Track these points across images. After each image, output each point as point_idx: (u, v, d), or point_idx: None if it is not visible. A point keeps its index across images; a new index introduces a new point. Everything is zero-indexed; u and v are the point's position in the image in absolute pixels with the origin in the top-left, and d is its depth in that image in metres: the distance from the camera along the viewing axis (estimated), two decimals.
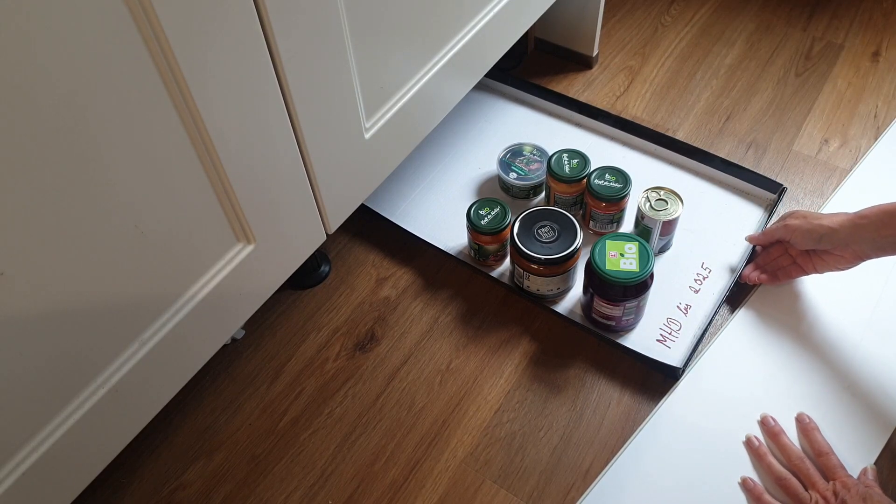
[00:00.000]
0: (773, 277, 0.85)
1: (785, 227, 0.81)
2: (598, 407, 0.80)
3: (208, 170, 0.53)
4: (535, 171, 0.97)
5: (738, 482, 0.73)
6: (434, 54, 0.75)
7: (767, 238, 0.86)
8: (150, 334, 0.56)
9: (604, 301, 0.80)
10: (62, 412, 0.52)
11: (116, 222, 0.49)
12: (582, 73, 1.19)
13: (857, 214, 0.74)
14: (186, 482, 0.77)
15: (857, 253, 0.75)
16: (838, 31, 1.23)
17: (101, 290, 0.50)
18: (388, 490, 0.76)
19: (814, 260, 0.81)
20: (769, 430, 0.76)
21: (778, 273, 0.85)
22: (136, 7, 0.42)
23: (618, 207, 0.90)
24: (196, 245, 0.57)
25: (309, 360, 0.86)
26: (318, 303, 0.92)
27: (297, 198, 0.64)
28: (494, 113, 1.12)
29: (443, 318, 0.89)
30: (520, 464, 0.77)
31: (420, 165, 1.04)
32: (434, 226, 0.97)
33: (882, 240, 0.72)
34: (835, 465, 0.70)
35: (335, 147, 0.65)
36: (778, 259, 0.86)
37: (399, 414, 0.81)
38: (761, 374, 0.81)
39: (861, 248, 0.74)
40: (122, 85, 0.44)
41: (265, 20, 0.51)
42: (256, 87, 0.53)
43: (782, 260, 0.85)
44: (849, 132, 1.07)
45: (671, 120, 1.10)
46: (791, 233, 0.80)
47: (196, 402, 0.83)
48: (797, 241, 0.80)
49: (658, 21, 1.28)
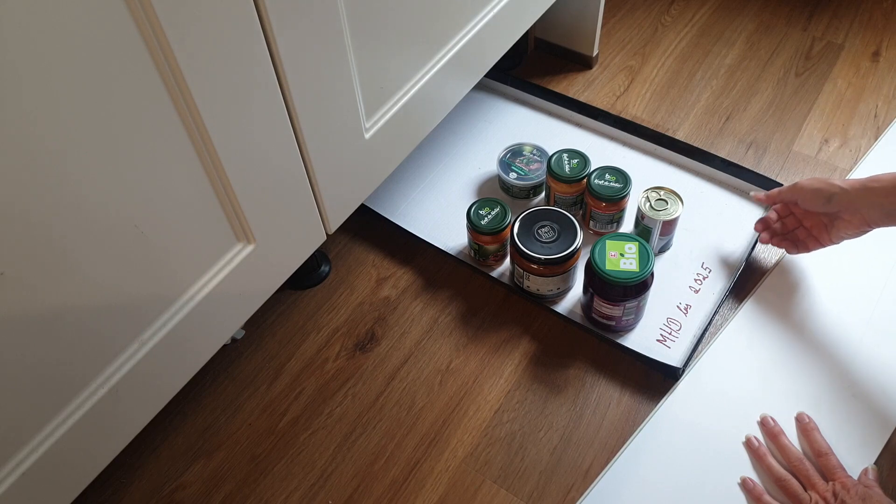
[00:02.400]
0: (793, 245, 0.83)
1: (793, 186, 0.79)
2: (598, 407, 0.80)
3: (208, 170, 0.53)
4: (535, 171, 0.97)
5: (738, 482, 0.73)
6: (434, 54, 0.75)
7: (775, 198, 0.83)
8: (150, 334, 0.56)
9: (604, 301, 0.80)
10: (62, 412, 0.52)
11: (116, 222, 0.49)
12: (582, 73, 1.19)
13: (870, 178, 0.72)
14: (186, 482, 0.77)
15: (865, 219, 0.73)
16: (838, 31, 1.23)
17: (100, 291, 0.50)
18: (388, 490, 0.76)
19: (827, 228, 0.79)
20: (769, 431, 0.76)
21: (797, 244, 0.83)
22: (135, 6, 0.42)
23: (618, 207, 0.90)
24: (196, 245, 0.57)
25: (309, 360, 0.86)
26: (318, 303, 0.92)
27: (297, 198, 0.64)
28: (494, 113, 1.12)
29: (443, 318, 0.89)
30: (520, 464, 0.77)
31: (420, 165, 1.04)
32: (434, 226, 0.97)
33: (892, 206, 0.70)
34: (834, 465, 0.70)
35: (335, 147, 0.65)
36: (794, 231, 0.84)
37: (399, 414, 0.81)
38: (761, 374, 0.81)
39: (870, 213, 0.72)
40: (121, 84, 0.44)
41: (265, 20, 0.51)
42: (256, 87, 0.53)
43: (799, 232, 0.83)
44: (849, 132, 1.07)
45: (671, 120, 1.10)
46: (799, 192, 0.78)
47: (196, 402, 0.83)
48: (806, 202, 0.77)
49: (658, 21, 1.28)
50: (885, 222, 0.73)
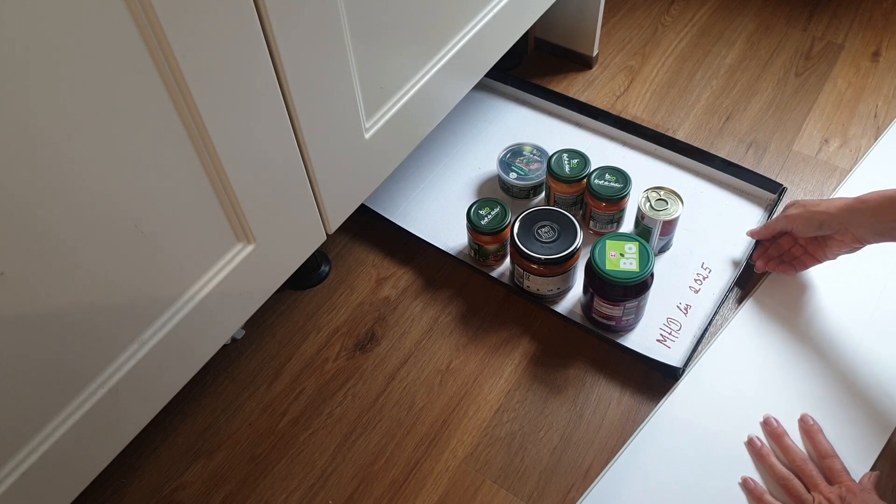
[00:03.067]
0: (790, 267, 0.86)
1: (785, 217, 0.81)
2: (598, 407, 0.80)
3: (208, 170, 0.53)
4: (535, 171, 0.97)
5: (739, 482, 0.73)
6: (434, 54, 0.75)
7: (769, 231, 0.86)
8: (150, 334, 0.56)
9: (604, 301, 0.80)
10: (62, 412, 0.52)
11: (116, 222, 0.49)
12: (582, 73, 1.19)
13: (857, 199, 0.74)
14: (186, 482, 0.77)
15: (856, 237, 0.75)
16: (838, 31, 1.23)
17: (100, 290, 0.50)
18: (388, 490, 0.76)
19: (822, 246, 0.81)
20: (772, 432, 0.75)
21: (794, 263, 0.85)
22: (135, 6, 0.42)
23: (618, 207, 0.90)
24: (196, 245, 0.57)
25: (309, 360, 0.86)
26: (318, 303, 0.91)
27: (297, 198, 0.64)
28: (494, 113, 1.12)
29: (443, 318, 0.89)
30: (520, 464, 0.77)
31: (420, 165, 1.04)
32: (434, 226, 0.97)
33: (880, 225, 0.72)
34: (839, 469, 0.70)
35: (335, 147, 0.65)
36: (790, 250, 0.86)
37: (399, 414, 0.81)
38: (761, 374, 0.81)
39: (860, 232, 0.74)
40: (121, 84, 0.44)
41: (265, 20, 0.51)
42: (256, 87, 0.53)
43: (795, 250, 0.85)
44: (849, 132, 1.07)
45: (671, 120, 1.10)
46: (792, 222, 0.80)
47: (196, 402, 0.83)
48: (799, 230, 0.80)
49: (658, 21, 1.28)
50: (875, 240, 0.74)
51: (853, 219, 0.74)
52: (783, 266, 0.86)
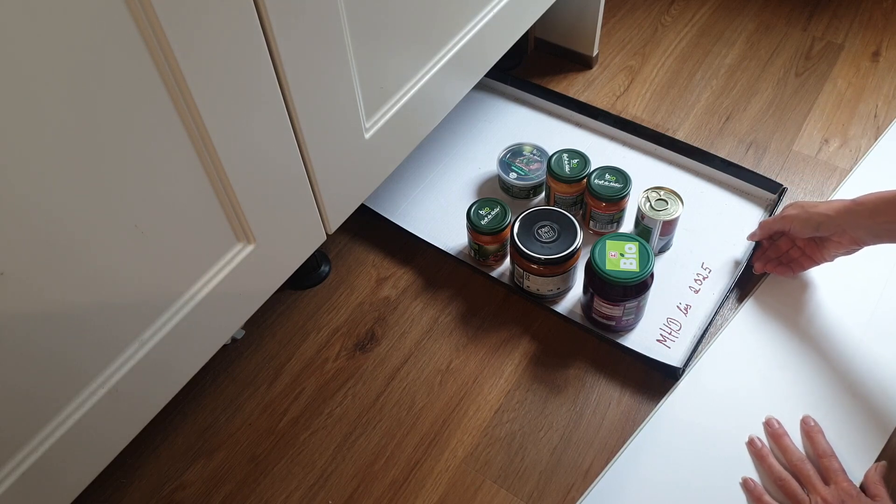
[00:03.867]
0: (788, 269, 0.86)
1: (783, 217, 0.82)
2: (598, 407, 0.80)
3: (208, 170, 0.53)
4: (535, 171, 0.97)
5: (739, 482, 0.73)
6: (434, 54, 0.75)
7: (767, 231, 0.86)
8: (150, 334, 0.56)
9: (604, 301, 0.80)
10: (62, 412, 0.52)
11: (116, 222, 0.49)
12: (582, 73, 1.19)
13: (854, 201, 0.74)
14: (186, 482, 0.77)
15: (854, 239, 0.76)
16: (838, 31, 1.23)
17: (100, 290, 0.50)
18: (388, 490, 0.76)
19: (820, 247, 0.81)
20: (773, 432, 0.75)
21: (792, 265, 0.86)
22: (135, 6, 0.42)
23: (618, 207, 0.90)
24: (196, 245, 0.57)
25: (309, 360, 0.86)
26: (318, 303, 0.91)
27: (297, 198, 0.64)
28: (494, 113, 1.12)
29: (443, 318, 0.89)
30: (520, 464, 0.77)
31: (420, 165, 1.04)
32: (434, 226, 0.97)
33: (877, 227, 0.72)
34: (836, 468, 0.70)
35: (335, 147, 0.65)
36: (788, 252, 0.86)
37: (399, 414, 0.81)
38: (761, 374, 0.81)
39: (857, 234, 0.75)
40: (121, 84, 0.44)
41: (265, 20, 0.51)
42: (257, 87, 0.53)
43: (793, 252, 0.86)
44: (849, 132, 1.07)
45: (671, 120, 1.10)
46: (789, 223, 0.80)
47: (196, 402, 0.83)
48: (796, 231, 0.80)
49: (658, 21, 1.28)
50: (873, 241, 0.74)
51: (850, 220, 0.74)
52: (781, 268, 0.86)
